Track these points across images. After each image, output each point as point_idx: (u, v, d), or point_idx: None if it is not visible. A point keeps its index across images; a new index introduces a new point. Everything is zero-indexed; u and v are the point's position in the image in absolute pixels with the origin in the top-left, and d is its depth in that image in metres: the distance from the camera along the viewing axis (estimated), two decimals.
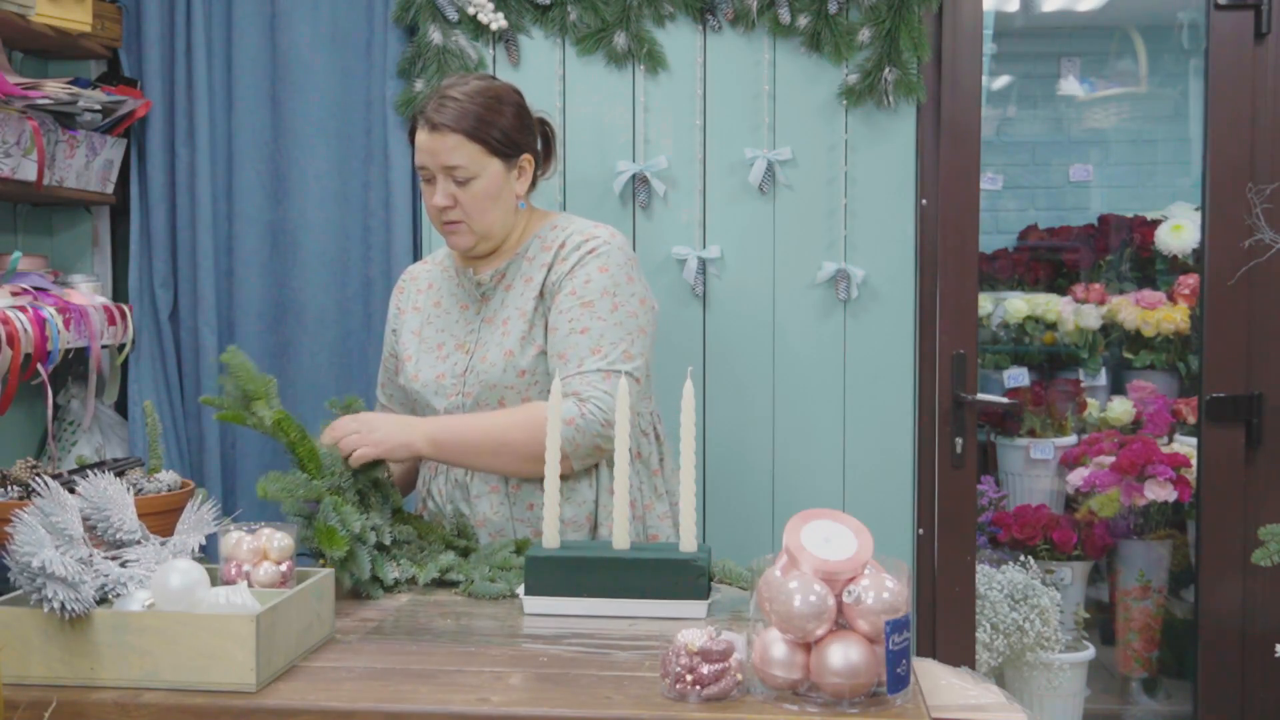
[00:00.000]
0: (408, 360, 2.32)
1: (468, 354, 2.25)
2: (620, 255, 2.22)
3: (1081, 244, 4.45)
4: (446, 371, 2.25)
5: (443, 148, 2.18)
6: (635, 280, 2.23)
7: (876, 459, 2.87)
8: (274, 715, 1.46)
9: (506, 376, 2.19)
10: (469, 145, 2.18)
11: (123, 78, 2.87)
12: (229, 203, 2.93)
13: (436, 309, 2.34)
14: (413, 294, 2.40)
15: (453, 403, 2.23)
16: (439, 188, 2.21)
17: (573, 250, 2.22)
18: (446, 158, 2.18)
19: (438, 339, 2.30)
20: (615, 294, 2.18)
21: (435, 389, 2.26)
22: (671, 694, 1.46)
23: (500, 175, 2.22)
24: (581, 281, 2.18)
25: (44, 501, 1.60)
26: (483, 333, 2.25)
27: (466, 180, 2.19)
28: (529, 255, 2.26)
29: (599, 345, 2.13)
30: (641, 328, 2.19)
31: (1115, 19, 4.69)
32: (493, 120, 2.19)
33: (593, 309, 2.16)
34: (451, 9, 2.83)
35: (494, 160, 2.20)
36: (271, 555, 1.72)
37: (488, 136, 2.19)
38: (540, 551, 1.83)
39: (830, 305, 2.86)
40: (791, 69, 2.85)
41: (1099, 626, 3.93)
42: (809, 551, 1.44)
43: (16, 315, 2.43)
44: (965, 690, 1.83)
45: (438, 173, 2.20)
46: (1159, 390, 4.14)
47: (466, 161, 2.18)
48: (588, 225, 2.28)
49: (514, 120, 2.23)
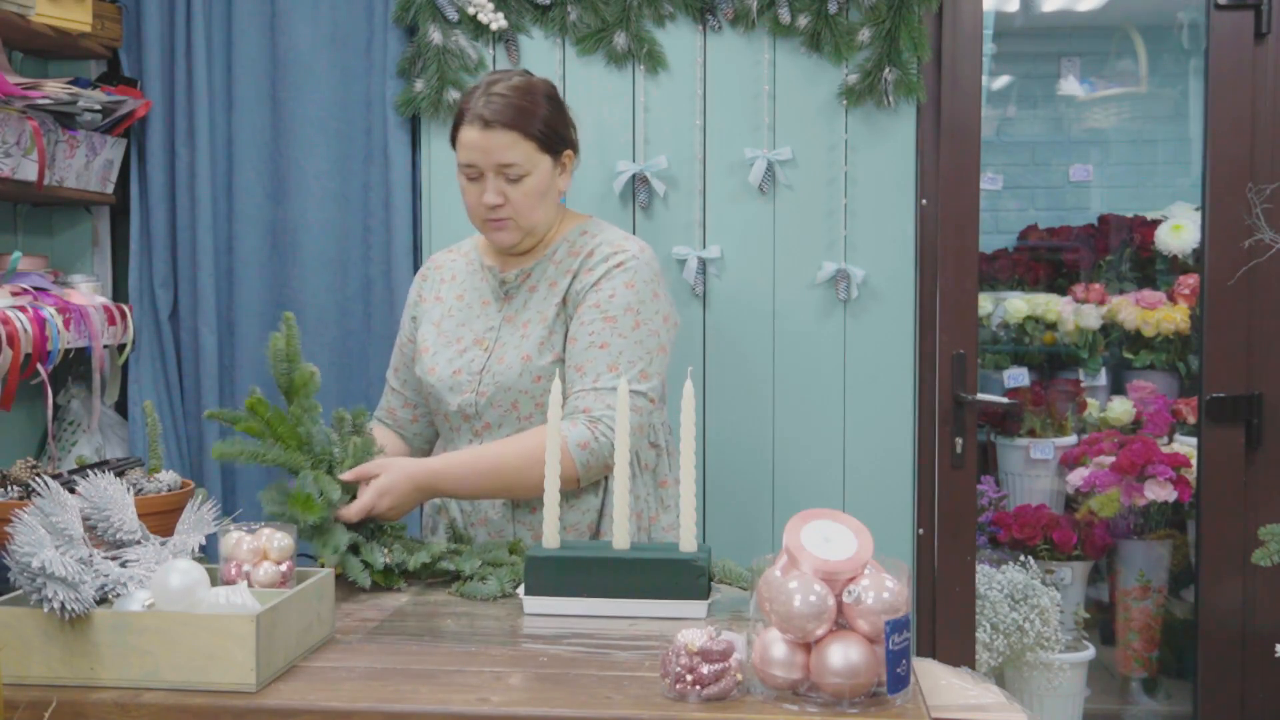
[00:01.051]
0: (425, 352, 2.30)
1: (486, 351, 2.22)
2: (647, 271, 2.20)
3: (1081, 244, 4.45)
4: (463, 368, 2.23)
5: (496, 145, 2.14)
6: (660, 297, 2.21)
7: (876, 459, 2.87)
8: (274, 715, 1.46)
9: (522, 381, 2.17)
10: (523, 143, 2.15)
11: (123, 78, 2.87)
12: (229, 203, 2.93)
13: (459, 302, 2.32)
14: (435, 283, 2.38)
15: (466, 400, 2.21)
16: (489, 185, 2.17)
17: (600, 261, 2.20)
18: (500, 155, 2.15)
19: (457, 333, 2.28)
20: (639, 311, 2.16)
21: (450, 385, 2.24)
22: (671, 694, 1.46)
23: (549, 172, 2.20)
24: (606, 295, 2.16)
25: (44, 501, 1.60)
26: (503, 331, 2.23)
27: (519, 178, 2.16)
28: (556, 259, 2.24)
29: (616, 363, 2.12)
30: (662, 345, 2.18)
31: (1115, 19, 4.69)
32: (540, 115, 2.17)
33: (615, 325, 2.14)
34: (451, 9, 2.84)
35: (544, 157, 2.18)
36: (271, 555, 1.72)
37: (537, 133, 2.16)
38: (540, 551, 1.83)
39: (830, 305, 2.86)
40: (791, 69, 2.85)
41: (1099, 626, 3.93)
42: (809, 551, 1.44)
43: (16, 315, 2.43)
44: (965, 690, 1.84)
45: (488, 170, 2.17)
46: (1159, 390, 4.14)
47: (521, 159, 2.15)
48: (618, 236, 2.25)
49: (558, 115, 2.22)
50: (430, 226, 2.91)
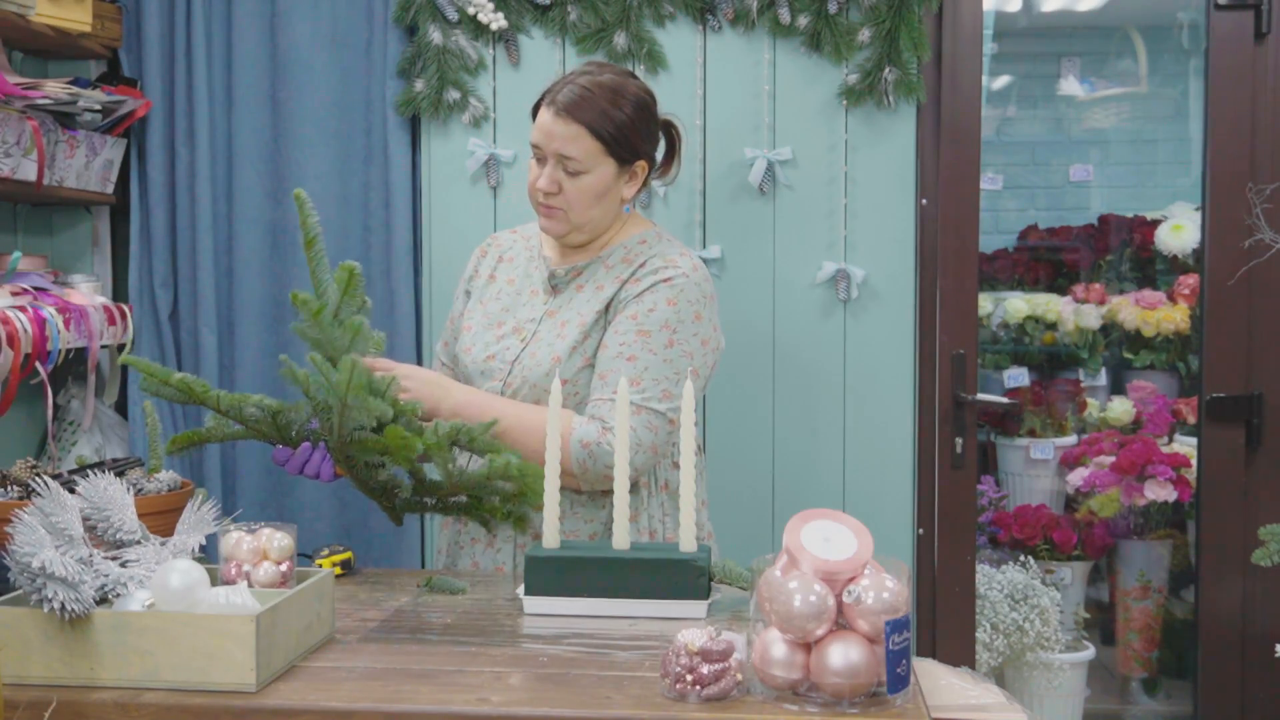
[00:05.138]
0: (466, 330, 2.28)
1: (522, 342, 2.19)
2: (694, 291, 2.14)
3: (1081, 244, 4.45)
4: (498, 354, 2.21)
5: (562, 134, 2.11)
6: (703, 319, 2.15)
7: (876, 459, 2.87)
8: (274, 715, 1.46)
9: (548, 381, 2.12)
10: (588, 140, 2.11)
11: (123, 78, 2.87)
12: (229, 203, 2.93)
13: (509, 286, 2.29)
14: (492, 261, 2.34)
15: (494, 387, 2.19)
16: (547, 171, 2.14)
17: (649, 274, 2.15)
18: (562, 145, 2.11)
19: (500, 316, 2.25)
20: (676, 330, 2.11)
21: (482, 369, 2.22)
22: (671, 694, 1.46)
23: (611, 176, 2.16)
24: (646, 309, 2.11)
25: (44, 501, 1.60)
26: (543, 325, 2.20)
27: (577, 173, 2.13)
28: (609, 263, 2.20)
29: (640, 378, 2.07)
30: (694, 369, 2.11)
31: (1115, 19, 4.69)
32: (618, 120, 2.12)
33: (648, 339, 2.10)
34: (451, 9, 2.84)
35: (609, 160, 2.14)
36: (271, 555, 1.72)
37: (608, 135, 2.12)
38: (540, 551, 1.83)
39: (830, 305, 2.86)
40: (791, 69, 2.85)
41: (1099, 626, 3.93)
42: (809, 551, 1.44)
43: (16, 315, 2.43)
44: (965, 690, 1.84)
45: (550, 155, 2.14)
46: (1159, 390, 4.14)
47: (581, 155, 2.11)
48: (673, 251, 2.20)
49: (639, 123, 2.15)
50: (430, 226, 2.91)
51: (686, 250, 2.23)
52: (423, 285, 2.92)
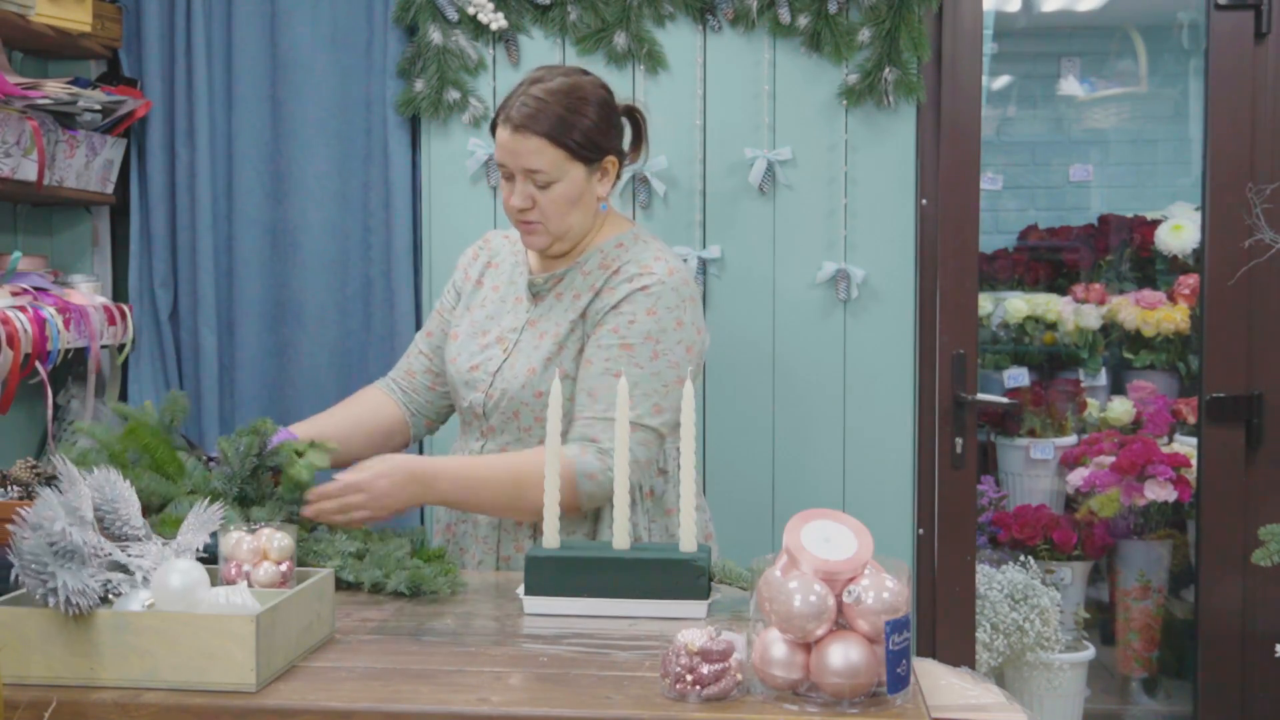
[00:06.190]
0: (453, 339, 2.27)
1: (504, 352, 2.19)
2: (672, 297, 2.11)
3: (1081, 244, 4.45)
4: (480, 364, 2.20)
5: (524, 150, 2.08)
6: (684, 324, 2.12)
7: (876, 459, 2.87)
8: (274, 715, 1.46)
9: (524, 394, 2.13)
10: (551, 150, 2.08)
11: (123, 78, 2.87)
12: (229, 203, 2.93)
13: (495, 294, 2.28)
14: (481, 265, 2.33)
15: (477, 398, 2.19)
16: (518, 188, 2.12)
17: (624, 282, 2.12)
18: (526, 160, 2.09)
19: (485, 325, 2.24)
20: (659, 340, 2.09)
21: (466, 379, 2.21)
22: (671, 694, 1.46)
23: (582, 179, 2.13)
24: (626, 321, 2.09)
25: (62, 482, 1.61)
26: (524, 335, 2.19)
27: (547, 184, 2.10)
28: (586, 269, 2.18)
29: (629, 395, 2.02)
30: (680, 378, 2.08)
31: (1115, 19, 4.69)
32: (576, 123, 2.09)
33: (632, 354, 2.08)
34: (451, 9, 2.84)
35: (576, 164, 2.11)
36: (271, 555, 1.72)
37: (570, 141, 2.09)
38: (540, 551, 1.83)
39: (830, 305, 2.86)
40: (791, 69, 2.85)
41: (1099, 626, 3.93)
42: (809, 551, 1.44)
43: (16, 315, 2.43)
44: (965, 690, 1.84)
45: (517, 172, 2.12)
46: (1159, 390, 4.14)
47: (547, 166, 2.09)
48: (648, 256, 2.15)
49: (599, 121, 2.12)
50: (430, 226, 2.91)
51: (663, 252, 2.19)
52: (423, 285, 2.91)
